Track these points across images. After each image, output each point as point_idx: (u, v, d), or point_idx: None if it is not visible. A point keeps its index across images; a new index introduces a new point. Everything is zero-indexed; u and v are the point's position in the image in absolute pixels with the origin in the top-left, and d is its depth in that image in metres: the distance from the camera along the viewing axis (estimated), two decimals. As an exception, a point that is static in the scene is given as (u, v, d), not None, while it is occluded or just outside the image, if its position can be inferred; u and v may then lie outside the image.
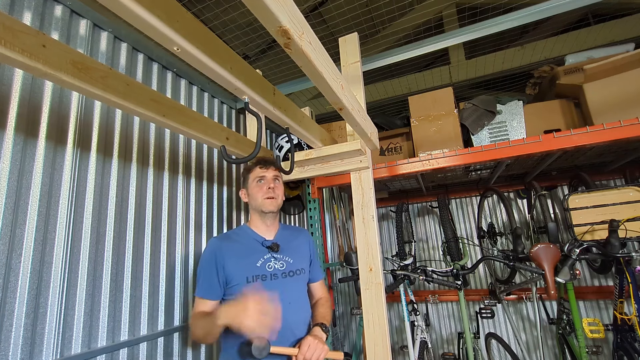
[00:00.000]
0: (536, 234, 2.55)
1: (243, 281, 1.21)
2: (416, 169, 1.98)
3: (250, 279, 1.21)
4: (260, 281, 1.22)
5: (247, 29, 2.08)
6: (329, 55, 0.89)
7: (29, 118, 1.03)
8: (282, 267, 1.28)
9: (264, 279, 1.23)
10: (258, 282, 1.21)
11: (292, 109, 1.26)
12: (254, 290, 1.09)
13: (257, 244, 1.32)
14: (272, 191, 1.32)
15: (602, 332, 1.74)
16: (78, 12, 1.23)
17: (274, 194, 1.33)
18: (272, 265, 1.27)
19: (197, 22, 0.74)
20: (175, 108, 1.12)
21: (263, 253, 1.29)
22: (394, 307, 3.27)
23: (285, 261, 1.30)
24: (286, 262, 1.30)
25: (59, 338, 1.02)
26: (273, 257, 1.29)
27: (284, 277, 1.26)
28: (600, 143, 1.66)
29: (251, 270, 1.23)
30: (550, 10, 1.62)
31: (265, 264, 1.26)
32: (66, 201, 1.09)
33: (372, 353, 1.40)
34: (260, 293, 1.04)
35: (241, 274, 1.22)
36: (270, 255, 1.29)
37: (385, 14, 2.10)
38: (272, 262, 1.27)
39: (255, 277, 1.22)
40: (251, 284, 1.21)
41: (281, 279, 1.25)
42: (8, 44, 0.67)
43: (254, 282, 1.21)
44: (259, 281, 1.22)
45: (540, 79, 2.36)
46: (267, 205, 1.31)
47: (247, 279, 1.21)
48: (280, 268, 1.28)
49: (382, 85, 2.86)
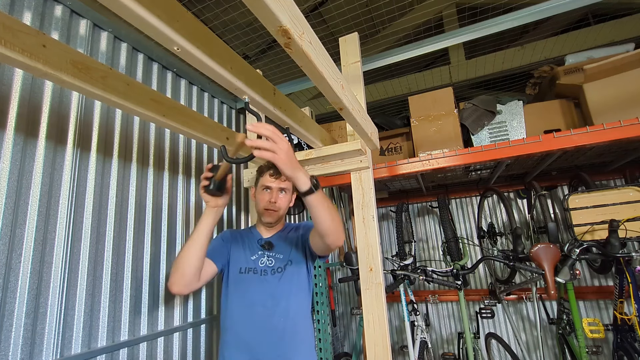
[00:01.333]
0: (536, 234, 2.55)
1: (236, 270, 1.31)
2: (416, 169, 1.98)
3: (243, 270, 1.30)
4: (252, 274, 1.29)
5: (247, 29, 2.08)
6: (329, 55, 0.89)
7: (29, 118, 1.03)
8: (272, 264, 1.33)
9: (255, 272, 1.30)
10: (250, 274, 1.29)
11: (292, 108, 1.26)
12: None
13: (254, 241, 1.40)
14: (273, 204, 1.35)
15: (602, 332, 1.74)
16: (78, 12, 1.23)
17: (275, 207, 1.36)
18: (264, 261, 1.33)
19: (197, 22, 0.74)
20: (176, 108, 1.12)
21: (257, 250, 1.36)
22: (394, 307, 3.27)
23: (275, 258, 1.34)
24: (276, 258, 1.34)
25: (59, 338, 1.02)
26: (265, 254, 1.35)
27: (273, 274, 1.30)
28: (600, 143, 1.66)
29: (245, 262, 1.33)
30: (550, 10, 1.61)
31: (259, 260, 1.33)
32: (66, 201, 1.09)
33: (372, 353, 1.40)
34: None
35: (236, 264, 1.32)
36: (263, 253, 1.35)
37: (385, 14, 2.10)
38: (264, 259, 1.33)
39: (247, 269, 1.30)
40: (243, 274, 1.29)
41: (270, 275, 1.30)
42: (8, 44, 0.67)
43: (246, 273, 1.29)
44: (251, 274, 1.29)
45: (540, 79, 2.36)
46: (266, 216, 1.37)
47: (239, 269, 1.31)
48: (270, 265, 1.32)
49: (382, 85, 2.85)
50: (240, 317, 1.25)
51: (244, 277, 1.30)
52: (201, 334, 1.58)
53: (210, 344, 1.62)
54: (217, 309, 1.72)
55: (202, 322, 1.59)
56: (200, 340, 1.57)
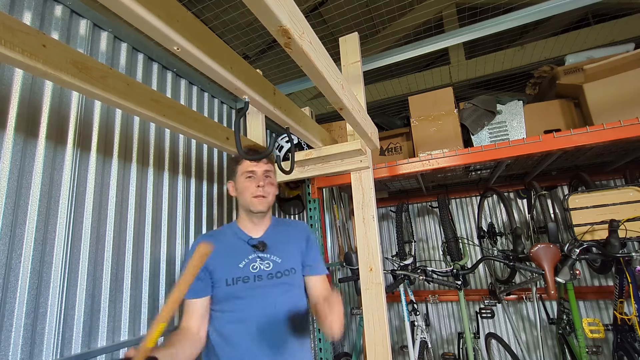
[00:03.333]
0: (536, 234, 2.56)
1: (223, 284, 1.12)
2: (416, 169, 1.98)
3: (230, 282, 1.12)
4: (241, 284, 1.12)
5: (247, 29, 2.08)
6: (329, 55, 0.89)
7: (29, 118, 1.03)
8: (268, 268, 1.16)
9: (245, 281, 1.13)
10: (239, 285, 1.12)
11: (293, 108, 1.26)
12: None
13: (242, 243, 1.20)
14: (261, 189, 1.20)
15: (602, 332, 1.74)
16: (78, 12, 1.23)
17: (264, 191, 1.20)
18: (257, 266, 1.16)
19: (197, 21, 0.74)
20: (176, 108, 1.12)
21: (247, 253, 1.18)
22: (394, 307, 3.27)
23: (272, 261, 1.18)
24: (273, 261, 1.18)
25: (59, 338, 1.02)
26: (259, 257, 1.18)
27: (270, 279, 1.15)
28: (600, 143, 1.66)
29: (231, 272, 1.14)
30: (550, 10, 1.61)
31: (249, 265, 1.15)
32: (66, 201, 1.09)
33: (372, 353, 1.40)
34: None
35: (221, 277, 1.13)
36: (256, 255, 1.18)
37: (385, 14, 2.10)
38: (257, 263, 1.16)
39: (235, 280, 1.12)
40: (231, 286, 1.12)
41: (266, 280, 1.14)
42: (8, 44, 0.66)
43: (235, 284, 1.12)
44: (240, 284, 1.12)
45: (540, 79, 2.36)
46: (256, 204, 1.19)
47: (226, 282, 1.12)
48: (266, 269, 1.16)
49: (382, 85, 2.86)
50: (231, 337, 1.09)
51: (231, 290, 1.12)
52: (201, 334, 1.58)
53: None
54: (217, 309, 1.72)
55: (202, 322, 1.58)
56: (200, 340, 1.57)
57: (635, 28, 2.23)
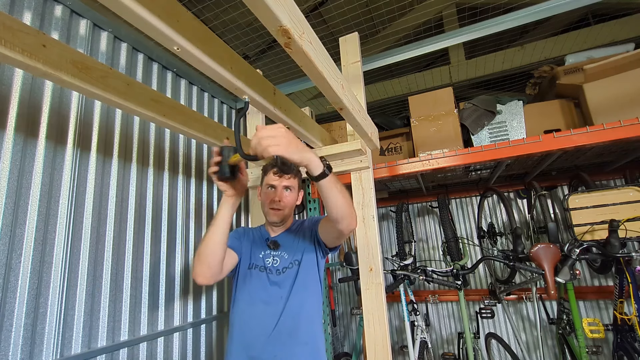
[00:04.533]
0: (536, 234, 2.55)
1: (245, 266, 1.31)
2: (416, 169, 1.97)
3: (250, 266, 1.31)
4: (258, 271, 1.29)
5: (247, 29, 2.08)
6: (329, 55, 0.89)
7: (29, 118, 1.03)
8: (277, 264, 1.31)
9: (261, 270, 1.29)
10: (256, 271, 1.29)
11: (292, 108, 1.26)
12: None
13: (263, 240, 1.39)
14: (278, 203, 1.31)
15: (602, 332, 1.74)
16: (78, 12, 1.23)
17: (280, 205, 1.32)
18: (270, 261, 1.32)
19: (197, 21, 0.74)
20: (176, 108, 1.12)
21: (265, 249, 1.35)
22: (394, 307, 3.27)
23: (280, 257, 1.32)
24: (281, 257, 1.32)
25: (59, 338, 1.02)
26: (272, 254, 1.33)
27: (278, 274, 1.28)
28: (600, 143, 1.66)
29: (254, 259, 1.33)
30: (550, 10, 1.61)
31: (265, 259, 1.32)
32: (66, 201, 1.09)
33: (372, 353, 1.40)
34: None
35: (246, 259, 1.32)
36: (270, 252, 1.34)
37: (385, 14, 2.10)
38: (269, 259, 1.32)
39: (254, 266, 1.31)
40: (250, 270, 1.30)
41: (275, 274, 1.28)
42: (8, 44, 0.67)
43: (253, 269, 1.30)
44: (257, 270, 1.29)
45: (540, 79, 2.36)
46: (271, 215, 1.34)
47: (248, 265, 1.31)
48: (275, 265, 1.31)
49: (382, 85, 2.85)
50: (244, 314, 1.24)
51: (251, 272, 1.29)
52: (201, 334, 1.58)
53: (210, 344, 1.62)
54: (217, 309, 1.72)
55: (202, 322, 1.59)
56: (201, 340, 1.57)
57: (635, 28, 2.23)
